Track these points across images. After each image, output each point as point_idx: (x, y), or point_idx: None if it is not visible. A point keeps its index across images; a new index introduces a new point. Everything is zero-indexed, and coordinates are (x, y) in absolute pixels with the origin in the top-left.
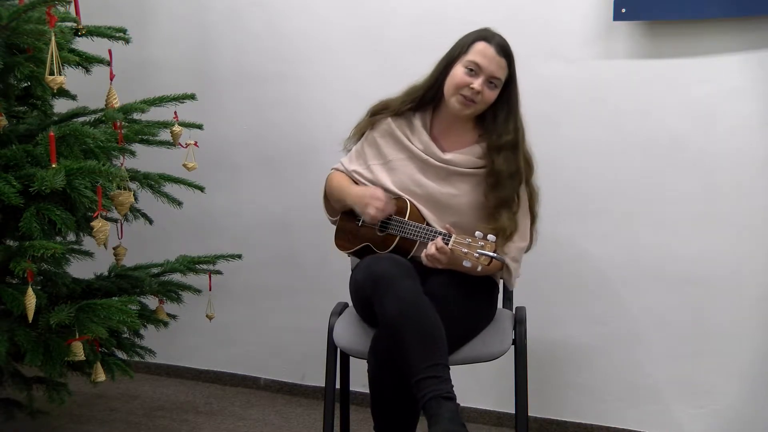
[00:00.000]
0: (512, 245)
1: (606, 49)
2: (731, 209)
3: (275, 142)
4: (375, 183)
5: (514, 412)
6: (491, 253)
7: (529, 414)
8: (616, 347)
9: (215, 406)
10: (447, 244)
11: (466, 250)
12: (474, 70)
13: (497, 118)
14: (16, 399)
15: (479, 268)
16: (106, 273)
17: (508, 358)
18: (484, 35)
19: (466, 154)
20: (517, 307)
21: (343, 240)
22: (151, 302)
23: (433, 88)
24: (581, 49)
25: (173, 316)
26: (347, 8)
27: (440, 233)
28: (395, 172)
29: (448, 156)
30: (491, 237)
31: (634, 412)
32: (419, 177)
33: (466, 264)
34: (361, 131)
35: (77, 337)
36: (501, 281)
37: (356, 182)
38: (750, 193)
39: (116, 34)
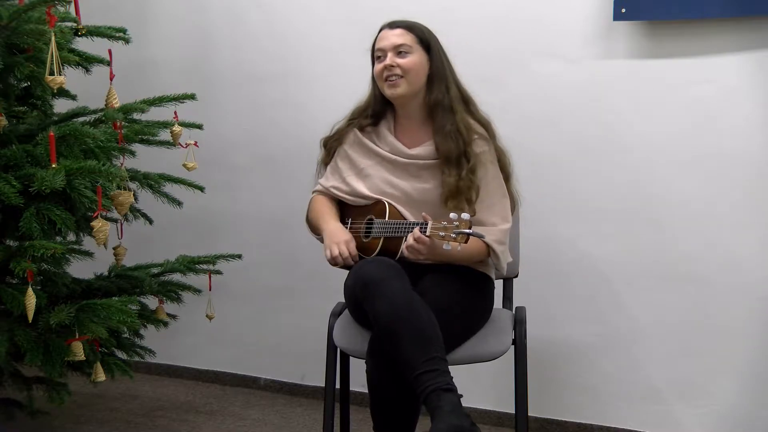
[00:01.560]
0: (494, 228)
1: (606, 49)
2: (731, 209)
3: (275, 142)
4: (352, 193)
5: (514, 412)
6: (467, 230)
7: (529, 414)
8: (616, 347)
9: (215, 406)
10: (424, 233)
11: (443, 233)
12: (380, 56)
13: (432, 87)
14: (16, 399)
15: (459, 248)
16: (106, 273)
17: (508, 358)
18: (381, 27)
19: (427, 146)
20: (517, 307)
21: None
22: (151, 302)
23: (380, 102)
24: (581, 49)
25: (173, 316)
26: (347, 8)
27: (417, 223)
28: (369, 178)
29: (413, 151)
30: (465, 215)
31: (634, 412)
32: (391, 178)
33: (447, 248)
34: (325, 160)
35: (77, 337)
36: (495, 277)
37: (336, 198)
38: (750, 192)
39: (116, 34)
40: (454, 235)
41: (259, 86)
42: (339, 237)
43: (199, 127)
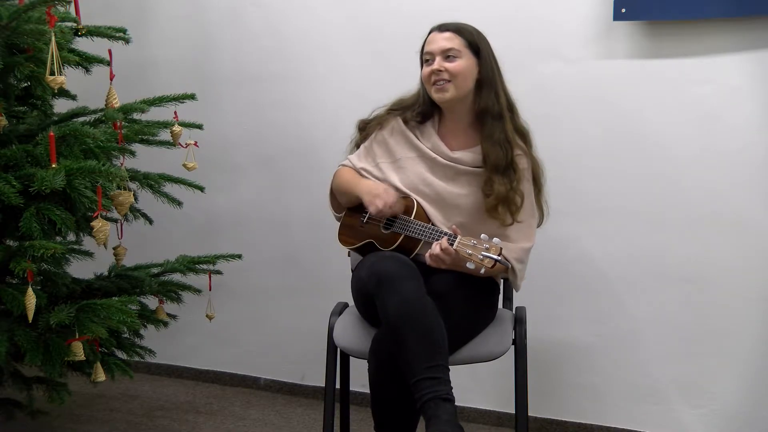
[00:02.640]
0: (516, 246)
1: (606, 49)
2: (731, 209)
3: (275, 142)
4: (384, 181)
5: (514, 412)
6: (495, 256)
7: (529, 414)
8: (616, 347)
9: (215, 406)
10: (452, 245)
11: (470, 252)
12: (428, 59)
13: (482, 93)
14: (16, 399)
15: (482, 271)
16: (106, 273)
17: (508, 358)
18: (430, 30)
19: (471, 152)
20: (517, 307)
21: (346, 235)
22: (151, 302)
23: (426, 100)
24: (581, 49)
25: (173, 316)
26: (347, 8)
27: (446, 234)
28: (404, 170)
29: (456, 154)
30: (496, 240)
31: (634, 412)
32: (428, 176)
33: (470, 266)
34: (362, 140)
35: (77, 337)
36: (502, 282)
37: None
38: (750, 193)
39: (116, 34)
40: (481, 257)
41: (259, 86)
42: (378, 189)
43: (199, 127)
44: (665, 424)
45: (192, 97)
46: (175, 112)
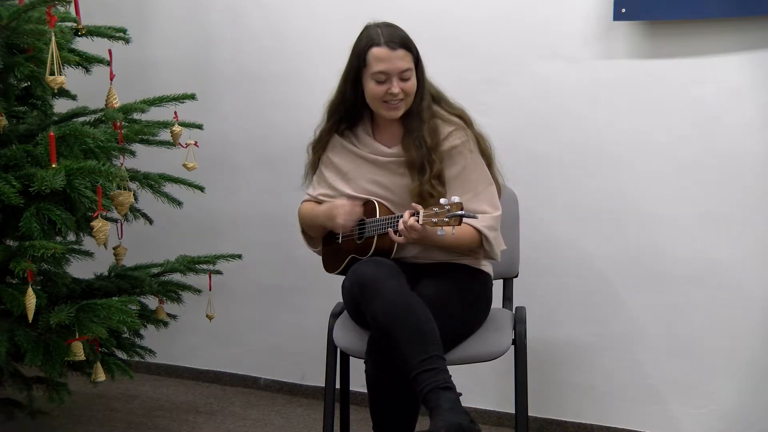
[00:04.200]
0: (485, 216)
1: (606, 49)
2: (731, 209)
3: (275, 142)
4: (340, 196)
5: (514, 412)
6: (459, 212)
7: (529, 414)
8: (616, 347)
9: (215, 406)
10: (418, 220)
11: (435, 220)
12: (383, 80)
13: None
14: (16, 399)
15: (453, 231)
16: (106, 273)
17: (508, 358)
18: (372, 40)
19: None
20: (517, 307)
21: (329, 263)
22: (151, 302)
23: (354, 105)
24: (581, 49)
25: (173, 316)
26: (348, 8)
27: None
28: (354, 180)
29: (393, 150)
30: (455, 198)
31: (634, 412)
32: (375, 177)
33: (441, 233)
34: (312, 165)
35: (77, 337)
36: (494, 276)
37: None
38: (750, 193)
39: (116, 34)
40: (447, 219)
41: (259, 86)
42: (332, 208)
43: (199, 127)
44: (665, 424)
45: (192, 97)
46: (175, 112)
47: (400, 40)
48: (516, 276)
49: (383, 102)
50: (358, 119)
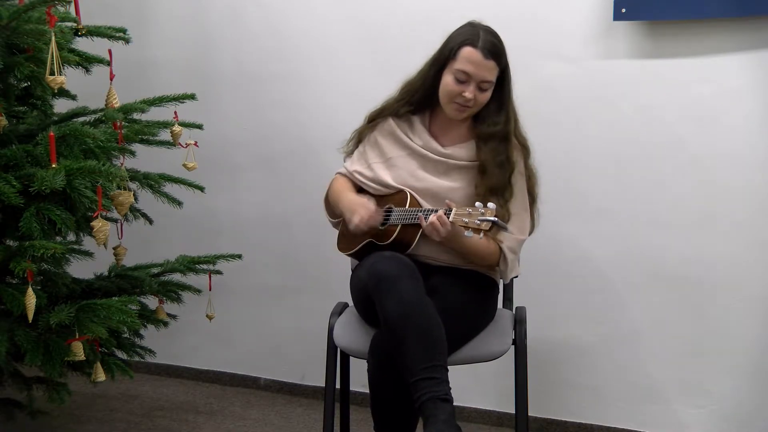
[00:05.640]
0: (510, 236)
1: (606, 49)
2: (731, 209)
3: (275, 142)
4: (375, 180)
5: (514, 412)
6: (492, 218)
7: (529, 414)
8: (616, 347)
9: (215, 406)
10: (448, 217)
11: (467, 220)
12: (464, 79)
13: (489, 108)
14: (16, 399)
15: (481, 235)
16: (106, 273)
17: (508, 358)
18: (470, 39)
19: (464, 148)
20: (517, 307)
21: (344, 243)
22: (151, 302)
23: (428, 92)
24: (581, 49)
25: (173, 316)
26: (348, 7)
27: (439, 210)
28: (395, 168)
29: (447, 150)
30: (491, 205)
31: (634, 412)
32: (419, 172)
33: (468, 234)
34: (361, 135)
35: (77, 337)
36: (501, 283)
37: (357, 184)
38: (750, 193)
39: (116, 34)
40: (478, 222)
41: (259, 86)
42: (356, 203)
43: (199, 127)
44: (665, 424)
45: (192, 97)
46: (175, 112)
47: (494, 51)
48: (516, 276)
49: (454, 101)
50: (426, 107)
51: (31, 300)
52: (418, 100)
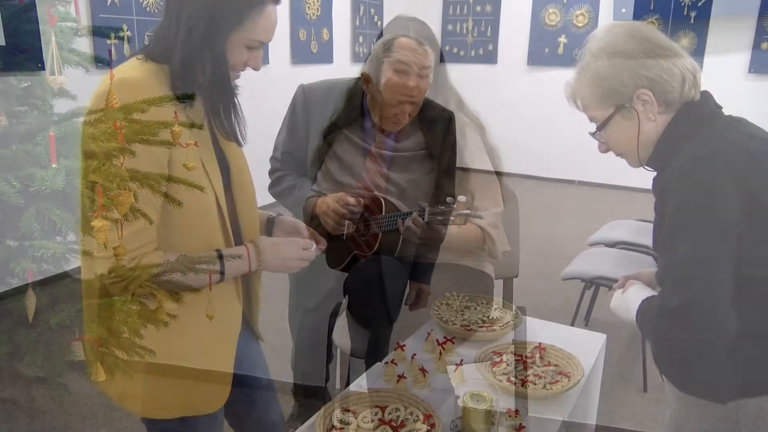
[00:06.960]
0: (486, 213)
1: None
2: None
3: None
4: (344, 189)
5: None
6: (465, 211)
7: (530, 414)
8: (616, 347)
9: None
10: (423, 218)
11: (441, 218)
12: (405, 70)
13: (428, 94)
14: (16, 399)
15: (458, 230)
16: (106, 273)
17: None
18: (401, 31)
19: (415, 137)
20: (517, 307)
21: (332, 259)
22: (151, 302)
23: (372, 94)
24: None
25: (173, 316)
26: (348, 7)
27: (414, 212)
28: (360, 175)
29: (401, 144)
30: (461, 197)
31: (634, 412)
32: (383, 171)
33: (446, 231)
34: (320, 153)
35: (77, 337)
36: (495, 276)
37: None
38: None
39: (116, 33)
40: (452, 218)
41: (259, 86)
42: (324, 202)
43: (200, 127)
44: (665, 424)
45: (192, 97)
46: (175, 112)
47: (425, 36)
48: (516, 276)
49: (398, 94)
50: (373, 109)
51: (31, 300)
52: (364, 104)
